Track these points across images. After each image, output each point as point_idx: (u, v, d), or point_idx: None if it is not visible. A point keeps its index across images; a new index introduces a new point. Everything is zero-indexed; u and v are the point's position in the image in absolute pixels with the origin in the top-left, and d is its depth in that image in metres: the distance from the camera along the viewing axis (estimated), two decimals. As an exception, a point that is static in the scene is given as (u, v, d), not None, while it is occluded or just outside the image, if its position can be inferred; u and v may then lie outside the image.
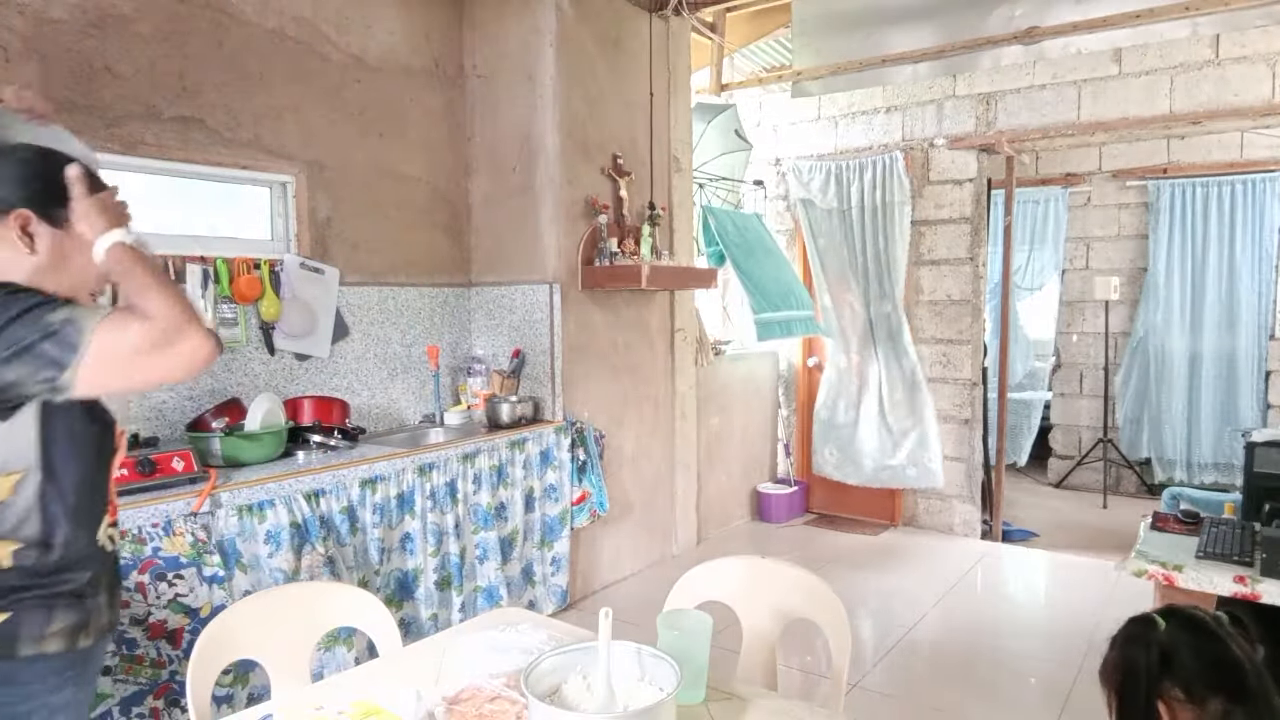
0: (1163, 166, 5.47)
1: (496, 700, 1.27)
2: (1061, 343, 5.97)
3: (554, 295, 3.61)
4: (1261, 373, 5.26)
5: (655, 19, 4.10)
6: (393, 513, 2.81)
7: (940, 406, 4.81)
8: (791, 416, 5.43)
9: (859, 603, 3.80)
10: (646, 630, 1.43)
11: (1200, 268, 5.41)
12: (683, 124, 4.34)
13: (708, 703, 1.34)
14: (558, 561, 3.54)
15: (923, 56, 4.42)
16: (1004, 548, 4.62)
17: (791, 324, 4.79)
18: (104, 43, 2.56)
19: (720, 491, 4.92)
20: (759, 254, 4.83)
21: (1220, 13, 3.69)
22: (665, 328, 4.29)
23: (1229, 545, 2.20)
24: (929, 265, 4.80)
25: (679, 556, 4.38)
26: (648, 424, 4.19)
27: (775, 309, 4.65)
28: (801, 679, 3.03)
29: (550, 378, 3.64)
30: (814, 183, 5.05)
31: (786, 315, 4.75)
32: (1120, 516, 5.09)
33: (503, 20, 3.68)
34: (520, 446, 3.36)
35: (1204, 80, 4.15)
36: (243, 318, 2.93)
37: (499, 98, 3.71)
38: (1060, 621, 3.56)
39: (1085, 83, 4.35)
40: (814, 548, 4.63)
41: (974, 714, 2.81)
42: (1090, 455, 5.73)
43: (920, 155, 4.78)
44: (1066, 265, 5.90)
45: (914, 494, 4.94)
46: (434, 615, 2.95)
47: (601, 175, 3.81)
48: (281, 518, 2.43)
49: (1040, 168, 5.93)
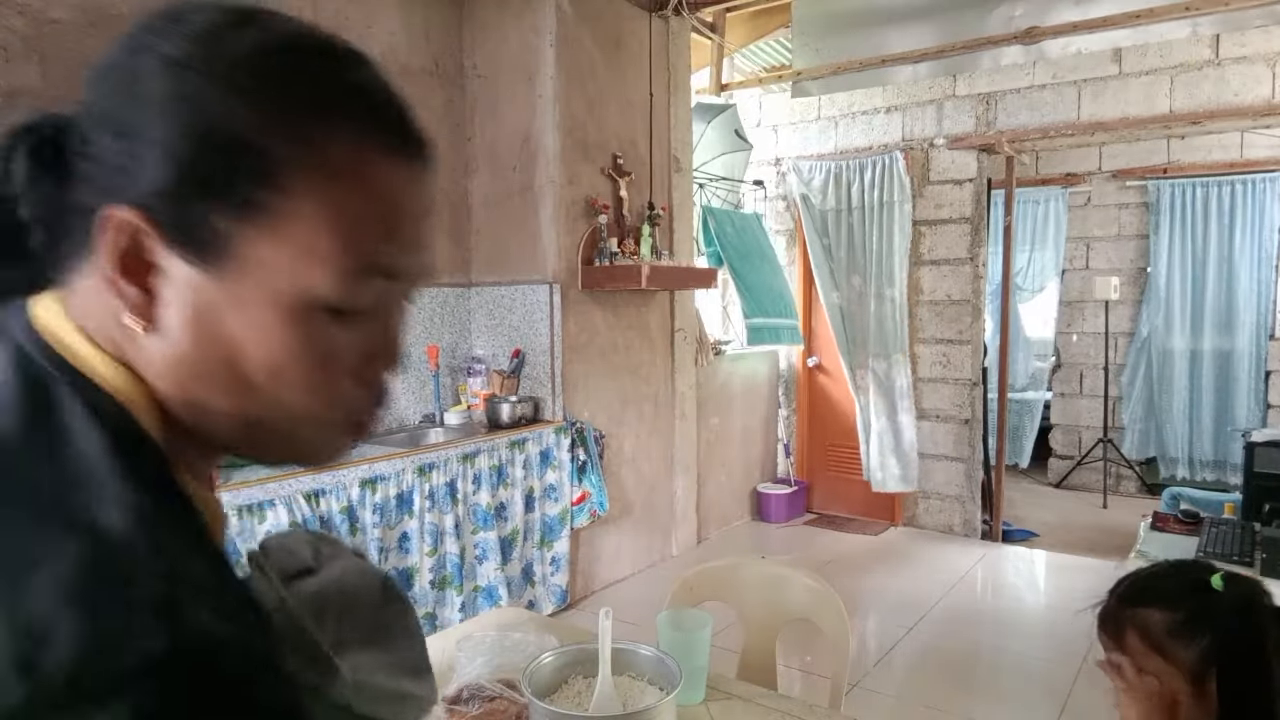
0: (1163, 166, 5.47)
1: (496, 700, 1.27)
2: (1061, 343, 5.97)
3: (554, 295, 3.61)
4: (1261, 373, 5.26)
5: (655, 19, 4.10)
6: (392, 513, 2.81)
7: (940, 406, 4.81)
8: (791, 416, 5.43)
9: (859, 603, 3.80)
10: (646, 630, 1.43)
11: (1200, 268, 5.41)
12: (683, 124, 4.34)
13: (708, 703, 1.34)
14: (557, 561, 3.54)
15: (923, 56, 4.42)
16: (1004, 548, 4.61)
17: (779, 331, 4.92)
18: (104, 43, 2.54)
19: (720, 491, 4.92)
20: (754, 258, 4.86)
21: (1220, 13, 3.69)
22: (665, 328, 4.29)
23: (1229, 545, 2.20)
24: (929, 265, 4.80)
25: (679, 556, 4.38)
26: (647, 424, 4.19)
27: (765, 315, 4.76)
28: (801, 679, 3.03)
29: (550, 378, 3.64)
30: (814, 183, 5.05)
31: (776, 322, 4.86)
32: (1120, 516, 5.09)
33: (503, 20, 3.68)
34: (520, 446, 3.36)
35: (1204, 80, 4.15)
36: (243, 318, 2.93)
37: (499, 98, 3.71)
38: (1060, 621, 3.56)
39: (1085, 83, 4.35)
40: (814, 548, 4.62)
41: (974, 714, 2.81)
42: (1090, 455, 5.73)
43: (920, 155, 4.78)
44: (1066, 265, 5.90)
45: (914, 494, 4.94)
46: (430, 614, 2.96)
47: (601, 175, 3.81)
48: (281, 518, 2.43)
49: (1040, 168, 5.93)
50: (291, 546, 0.62)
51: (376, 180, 0.47)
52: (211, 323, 0.45)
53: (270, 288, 0.45)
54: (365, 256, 0.46)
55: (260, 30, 0.46)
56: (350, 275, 0.46)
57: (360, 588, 0.62)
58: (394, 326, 0.51)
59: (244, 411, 0.47)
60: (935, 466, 4.84)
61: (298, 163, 0.44)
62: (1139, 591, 1.19)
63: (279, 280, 0.45)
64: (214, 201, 0.44)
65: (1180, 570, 1.21)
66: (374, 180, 0.47)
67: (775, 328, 4.86)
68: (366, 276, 0.47)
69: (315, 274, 0.45)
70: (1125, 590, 1.21)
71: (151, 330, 0.45)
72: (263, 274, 0.44)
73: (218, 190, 0.43)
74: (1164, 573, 1.22)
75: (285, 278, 0.45)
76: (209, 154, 0.43)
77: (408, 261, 0.49)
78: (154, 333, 0.45)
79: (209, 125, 0.43)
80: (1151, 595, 1.17)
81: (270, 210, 0.44)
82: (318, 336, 0.46)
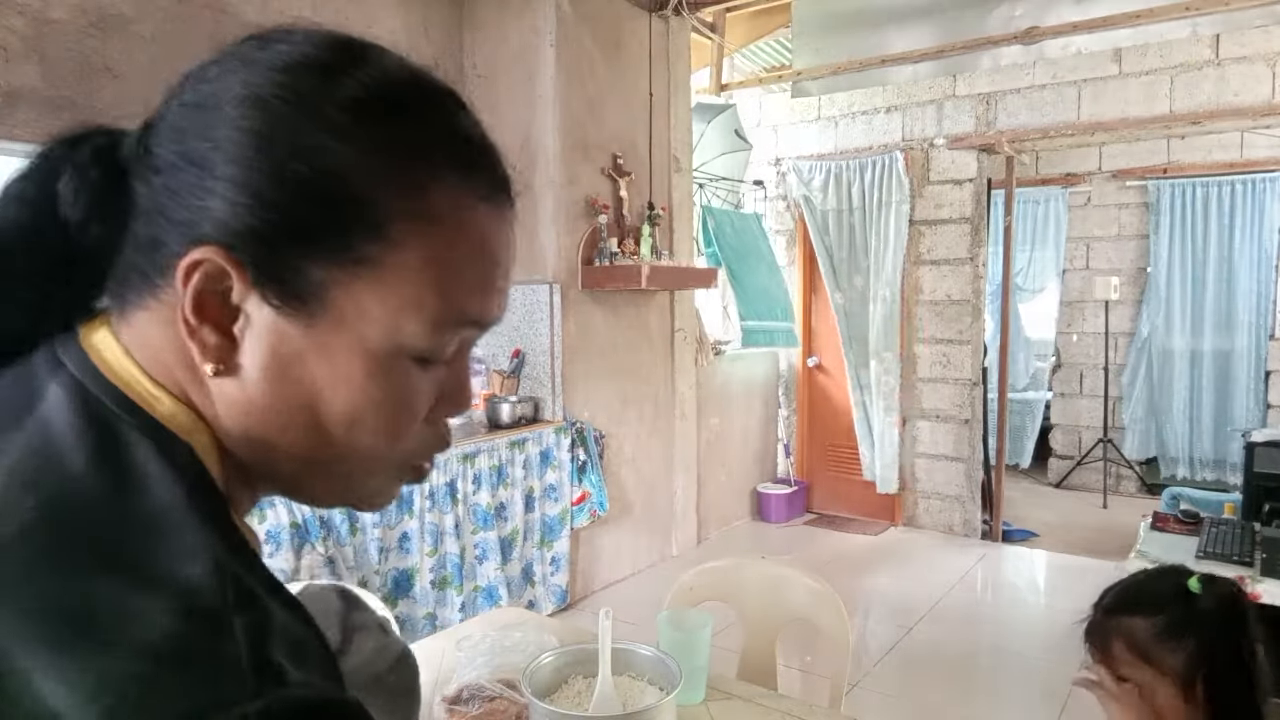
0: (1163, 166, 5.47)
1: (496, 700, 1.27)
2: (1061, 343, 5.97)
3: (554, 295, 3.61)
4: (1261, 373, 5.26)
5: (655, 19, 4.10)
6: (392, 513, 2.81)
7: (940, 406, 4.81)
8: (791, 416, 5.43)
9: (859, 603, 3.80)
10: (646, 630, 1.43)
11: (1200, 268, 5.41)
12: (683, 124, 4.34)
13: (708, 703, 1.34)
14: (557, 561, 3.54)
15: (923, 56, 4.42)
16: (1004, 548, 4.61)
17: (774, 334, 4.95)
18: (104, 43, 2.56)
19: (720, 491, 4.92)
20: (752, 260, 4.87)
21: (1220, 13, 3.69)
22: (665, 328, 4.29)
23: (1229, 545, 2.20)
24: (929, 265, 4.80)
25: (679, 556, 4.38)
26: (647, 424, 4.19)
27: (759, 318, 4.80)
28: (801, 679, 3.03)
29: (550, 378, 3.64)
30: (814, 183, 5.05)
31: (770, 325, 4.90)
32: (1120, 516, 5.08)
33: (503, 20, 3.68)
34: (520, 446, 3.36)
35: (1204, 80, 4.15)
36: (243, 318, 2.93)
37: (499, 98, 3.71)
38: (1060, 621, 3.56)
39: (1085, 83, 4.35)
40: (814, 548, 4.62)
41: (974, 714, 2.81)
42: (1090, 455, 5.73)
43: (920, 155, 4.78)
44: (1066, 265, 5.90)
45: (914, 494, 4.94)
46: (430, 614, 2.96)
47: (601, 175, 3.81)
48: (281, 517, 2.43)
49: (1040, 168, 5.93)
50: (324, 619, 0.63)
51: (475, 229, 0.46)
52: (293, 369, 0.43)
53: (362, 336, 0.43)
54: (460, 305, 0.45)
55: (367, 69, 0.44)
56: (443, 325, 0.45)
57: (381, 667, 0.64)
58: (465, 368, 0.50)
59: (313, 456, 0.45)
60: (935, 466, 4.84)
61: (404, 213, 0.42)
62: (1121, 602, 1.20)
63: (373, 330, 0.43)
64: (312, 248, 0.41)
65: (1160, 576, 1.22)
66: (474, 229, 0.46)
67: (770, 331, 4.90)
68: (457, 326, 0.46)
69: (411, 325, 0.43)
70: (1109, 601, 1.22)
71: (224, 374, 0.43)
72: (357, 323, 0.43)
73: (317, 237, 0.41)
74: (1144, 581, 1.23)
75: (380, 328, 0.43)
76: (312, 199, 0.41)
77: (492, 307, 0.48)
78: (226, 375, 0.43)
79: (314, 169, 0.41)
80: (1134, 604, 1.18)
81: (372, 261, 0.42)
82: (401, 384, 0.45)
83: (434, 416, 0.48)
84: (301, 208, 0.41)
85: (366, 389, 0.44)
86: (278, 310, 0.42)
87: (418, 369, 0.45)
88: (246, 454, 0.45)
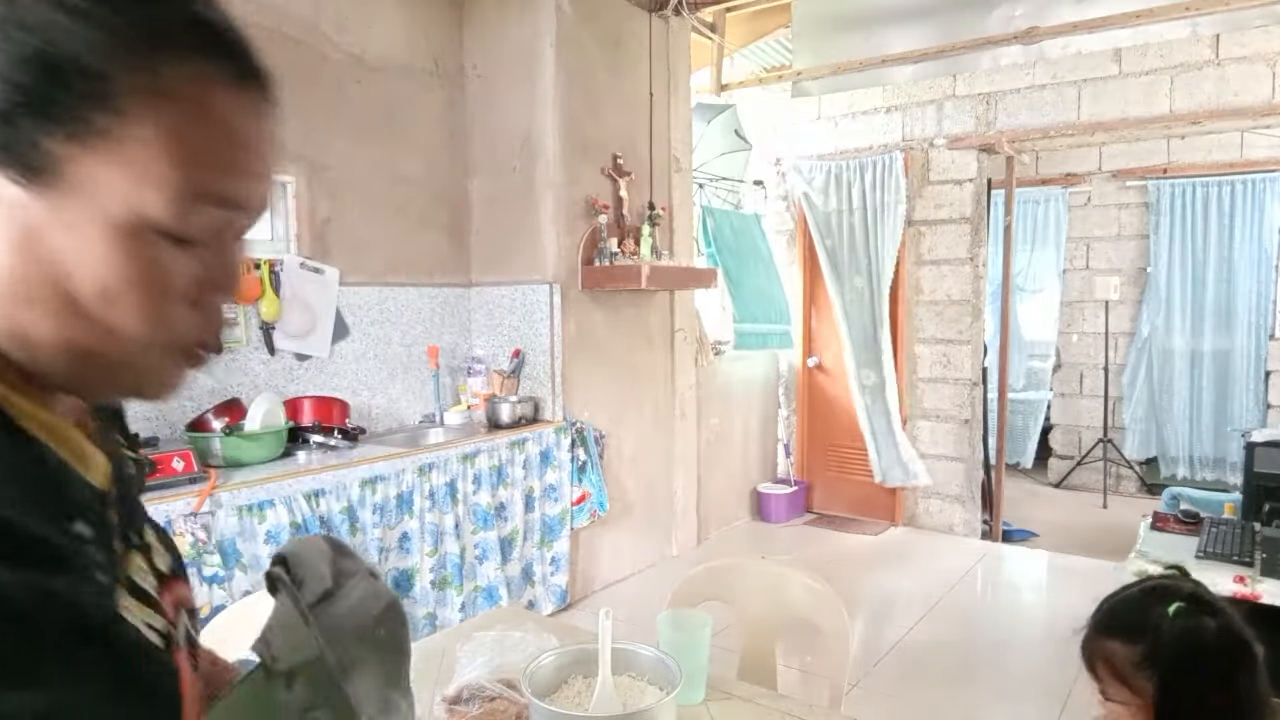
0: (1163, 166, 5.47)
1: (497, 700, 1.27)
2: (1062, 343, 5.97)
3: (554, 295, 3.61)
4: (1261, 373, 5.26)
5: (655, 19, 4.10)
6: (392, 513, 2.81)
7: (940, 406, 4.81)
8: (791, 416, 5.43)
9: (859, 603, 3.80)
10: (646, 630, 1.43)
11: (1200, 268, 5.41)
12: (683, 124, 4.34)
13: (708, 703, 1.34)
14: (557, 561, 3.54)
15: (923, 56, 4.42)
16: (1004, 548, 4.61)
17: (768, 337, 4.97)
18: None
19: (720, 491, 4.92)
20: (750, 262, 4.87)
21: (1220, 13, 3.69)
22: (665, 328, 4.29)
23: (1229, 545, 2.20)
24: (929, 265, 4.80)
25: (679, 556, 4.38)
26: (648, 424, 4.19)
27: (754, 320, 4.83)
28: (801, 679, 3.03)
29: (550, 378, 3.64)
30: (814, 182, 5.05)
31: (765, 328, 4.92)
32: (1120, 516, 5.09)
33: (503, 20, 3.68)
34: (520, 447, 3.36)
35: (1204, 80, 4.15)
36: (243, 318, 2.93)
37: (499, 98, 3.71)
38: (1060, 621, 3.56)
39: (1085, 83, 4.35)
40: (814, 548, 4.62)
41: (974, 714, 2.81)
42: (1090, 455, 5.73)
43: (920, 155, 4.78)
44: (1067, 265, 5.90)
45: (914, 494, 4.94)
46: (430, 614, 2.96)
47: (601, 175, 3.81)
48: (281, 518, 2.43)
49: (1040, 168, 5.93)
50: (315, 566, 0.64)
51: (217, 109, 0.47)
52: (38, 245, 0.44)
53: (101, 209, 0.44)
54: (201, 183, 0.46)
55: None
56: (185, 200, 0.46)
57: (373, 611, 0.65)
58: (231, 255, 0.52)
59: (72, 340, 0.46)
60: (935, 466, 4.84)
61: (136, 87, 0.44)
62: (1107, 624, 1.22)
63: (111, 202, 0.44)
64: (46, 121, 0.43)
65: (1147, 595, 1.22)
66: (215, 109, 0.47)
67: (764, 334, 4.93)
68: (202, 203, 0.47)
69: (148, 197, 0.45)
70: (1098, 620, 1.24)
71: None
72: (94, 195, 0.44)
73: (50, 111, 0.43)
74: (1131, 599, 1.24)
75: (117, 200, 0.44)
76: (40, 74, 0.42)
77: (245, 191, 0.49)
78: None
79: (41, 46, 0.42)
80: (1117, 627, 1.20)
81: (104, 133, 0.44)
82: (151, 261, 0.46)
83: (201, 299, 0.50)
84: (33, 82, 0.42)
85: (113, 262, 0.45)
86: (18, 184, 0.43)
87: (171, 247, 0.47)
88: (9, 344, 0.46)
